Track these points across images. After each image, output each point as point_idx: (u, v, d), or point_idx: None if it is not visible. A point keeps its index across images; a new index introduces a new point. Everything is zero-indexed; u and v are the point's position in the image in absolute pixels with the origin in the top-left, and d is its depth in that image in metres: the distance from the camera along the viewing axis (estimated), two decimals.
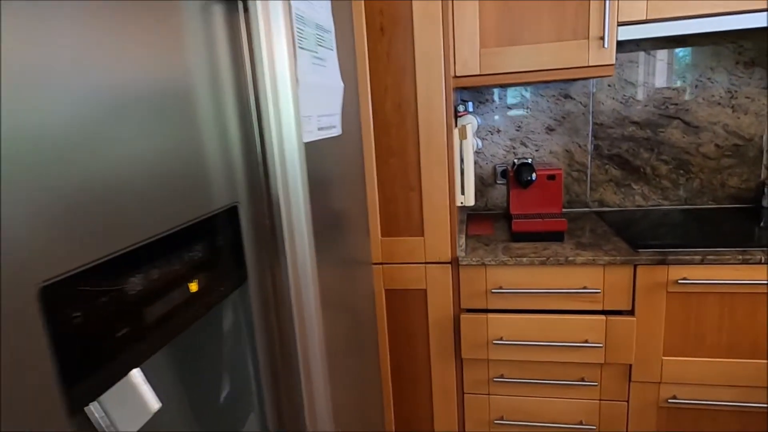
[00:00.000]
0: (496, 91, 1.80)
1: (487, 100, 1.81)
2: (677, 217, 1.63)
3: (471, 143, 1.38)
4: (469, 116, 1.46)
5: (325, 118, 0.78)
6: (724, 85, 1.66)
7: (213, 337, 0.53)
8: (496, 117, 1.82)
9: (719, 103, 1.67)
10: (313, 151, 0.76)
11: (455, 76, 1.51)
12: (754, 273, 1.25)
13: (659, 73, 1.69)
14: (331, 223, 0.87)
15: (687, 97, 1.69)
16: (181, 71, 0.47)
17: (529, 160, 1.50)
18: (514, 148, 1.83)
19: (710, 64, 1.65)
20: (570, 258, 1.32)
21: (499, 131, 1.83)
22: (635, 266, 1.31)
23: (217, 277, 0.48)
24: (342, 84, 0.86)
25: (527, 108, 1.79)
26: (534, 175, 1.45)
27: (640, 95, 1.71)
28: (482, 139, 1.84)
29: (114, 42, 0.37)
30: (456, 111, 1.45)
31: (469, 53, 1.47)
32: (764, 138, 1.67)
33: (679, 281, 1.27)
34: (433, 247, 1.40)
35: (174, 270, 0.41)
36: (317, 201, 0.79)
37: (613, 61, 1.41)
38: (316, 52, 0.75)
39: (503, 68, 1.47)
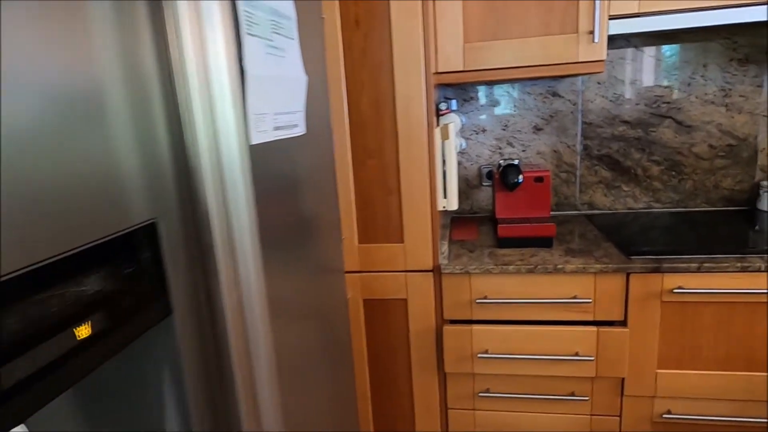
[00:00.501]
0: (481, 88, 1.71)
1: (471, 98, 1.73)
2: (670, 221, 1.56)
3: (454, 143, 1.29)
4: (452, 115, 1.38)
5: (284, 116, 0.69)
6: (717, 82, 1.59)
7: (130, 380, 0.43)
8: (482, 116, 1.73)
9: (712, 102, 1.61)
10: (268, 153, 0.67)
11: (437, 73, 1.42)
12: (753, 281, 1.18)
13: (650, 70, 1.62)
14: (292, 231, 0.78)
15: (679, 95, 1.62)
16: (84, 67, 0.37)
17: (516, 161, 1.42)
18: (500, 148, 1.75)
19: (703, 60, 1.58)
20: (559, 266, 1.24)
21: (484, 130, 1.74)
22: (628, 274, 1.23)
23: (123, 314, 0.38)
24: (305, 77, 0.77)
25: (514, 106, 1.71)
26: (521, 177, 1.37)
27: (631, 93, 1.64)
28: (467, 138, 1.76)
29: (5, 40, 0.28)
30: (438, 109, 1.36)
31: (451, 48, 1.38)
32: (759, 138, 1.61)
33: (675, 291, 1.19)
34: (414, 255, 1.31)
35: (52, 313, 0.31)
36: (275, 208, 0.70)
37: (604, 57, 1.33)
38: (272, 41, 0.66)
39: (488, 64, 1.38)
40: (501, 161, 1.47)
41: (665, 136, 1.65)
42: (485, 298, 1.30)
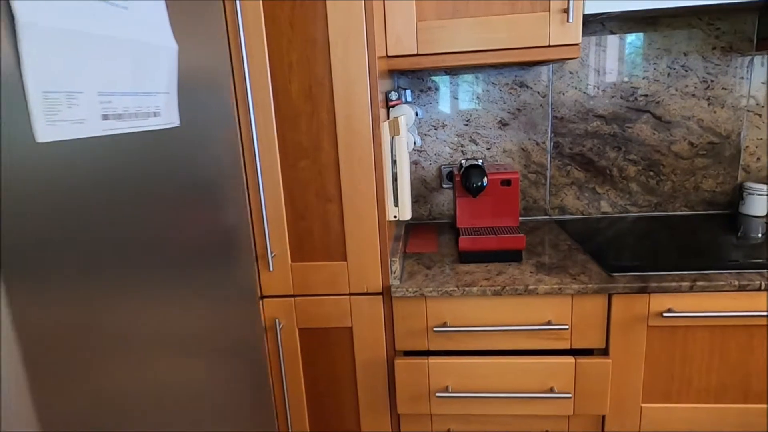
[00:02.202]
0: (440, 77, 1.50)
1: (429, 89, 1.51)
2: (649, 227, 1.39)
3: (405, 140, 1.07)
4: (405, 106, 1.16)
5: (124, 99, 0.45)
6: (698, 73, 1.43)
7: None
8: (441, 108, 1.52)
9: (693, 95, 1.45)
10: (86, 152, 0.42)
11: (387, 56, 1.20)
12: (752, 302, 1.01)
13: (627, 59, 1.44)
14: (165, 252, 0.54)
15: (658, 87, 1.45)
16: None
17: (479, 162, 1.22)
18: (462, 145, 1.54)
19: (684, 48, 1.42)
20: (531, 286, 1.04)
21: (444, 125, 1.54)
22: (610, 295, 1.05)
23: None
24: (174, 46, 0.53)
25: (477, 98, 1.51)
26: (485, 180, 1.17)
27: (606, 84, 1.46)
28: (424, 134, 1.54)
29: None
30: (387, 100, 1.14)
31: (402, 27, 1.16)
32: (742, 135, 1.46)
33: (664, 314, 1.01)
34: (360, 275, 1.09)
35: None
36: (126, 226, 0.46)
37: (579, 40, 1.14)
38: None
39: (446, 47, 1.17)
40: (463, 161, 1.26)
41: (643, 132, 1.49)
42: (444, 325, 1.09)
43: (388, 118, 1.15)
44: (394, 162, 1.08)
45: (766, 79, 1.42)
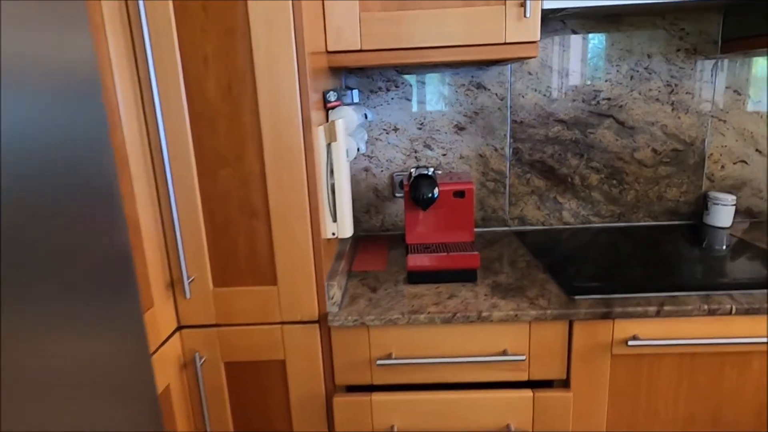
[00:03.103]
0: (391, 75, 1.38)
1: (380, 89, 1.39)
2: (611, 239, 1.30)
3: (345, 146, 0.94)
4: (346, 108, 1.02)
5: None
6: (662, 76, 1.36)
7: None
8: (393, 111, 1.40)
9: (657, 99, 1.37)
10: None
11: (328, 52, 1.06)
12: (722, 327, 0.93)
13: (590, 60, 1.35)
14: (17, 284, 0.39)
15: (621, 90, 1.37)
16: None
17: (430, 171, 1.10)
18: (415, 151, 1.42)
19: (647, 50, 1.34)
20: (484, 313, 0.92)
21: (396, 129, 1.41)
22: (571, 322, 0.94)
23: None
24: None
25: (431, 100, 1.39)
26: (436, 192, 1.05)
27: (567, 87, 1.37)
28: (375, 139, 1.42)
29: None
30: (326, 101, 1.01)
31: (343, 19, 1.03)
32: (707, 142, 1.40)
33: (629, 342, 0.91)
34: (292, 301, 0.95)
35: None
36: None
37: (537, 38, 1.04)
38: None
39: (393, 42, 1.04)
40: (413, 169, 1.14)
41: (605, 138, 1.40)
42: (389, 356, 0.96)
43: (328, 121, 1.02)
44: (331, 171, 0.95)
45: (730, 83, 1.36)
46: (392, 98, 1.39)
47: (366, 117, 1.32)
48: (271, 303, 0.95)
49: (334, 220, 0.97)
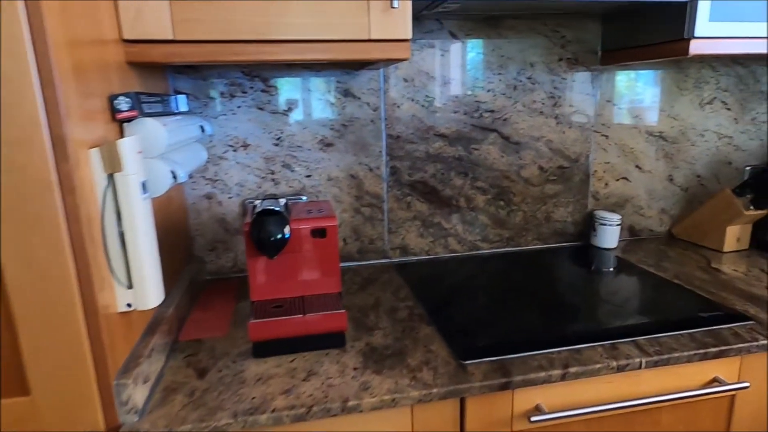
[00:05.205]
0: (236, 78, 1.09)
1: (222, 95, 1.09)
2: (501, 268, 1.15)
3: (140, 176, 0.64)
4: (148, 121, 0.72)
5: None
6: (545, 87, 1.24)
7: None
8: (241, 122, 1.11)
9: (541, 112, 1.25)
10: None
11: (124, 41, 0.75)
12: (631, 384, 0.79)
13: (470, 67, 1.19)
14: None
15: (504, 101, 1.22)
16: None
17: (280, 204, 0.84)
18: (272, 172, 1.15)
19: (530, 58, 1.21)
20: (352, 403, 0.68)
21: (246, 146, 1.12)
22: (463, 399, 0.73)
23: None
24: None
25: (288, 109, 1.12)
26: (286, 232, 0.78)
27: (448, 97, 1.19)
28: (219, 158, 1.11)
29: None
30: (114, 110, 0.70)
31: None
32: (590, 158, 1.31)
33: (532, 418, 0.73)
34: (62, 415, 0.62)
35: None
36: None
37: (409, 35, 0.83)
38: None
39: (219, 33, 0.76)
40: (257, 202, 0.86)
41: (490, 155, 1.25)
42: None
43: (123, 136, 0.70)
44: (119, 215, 0.64)
45: (610, 96, 1.28)
46: (239, 107, 1.10)
47: (203, 130, 1.02)
48: (27, 421, 0.61)
49: (130, 285, 0.66)
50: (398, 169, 1.21)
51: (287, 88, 1.11)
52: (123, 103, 0.69)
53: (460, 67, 1.18)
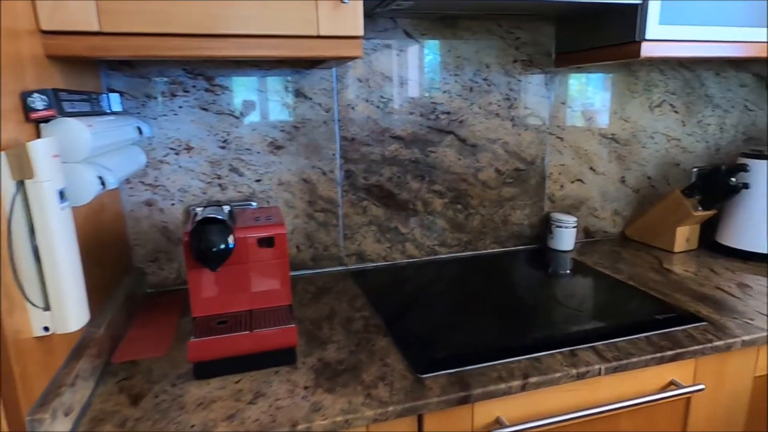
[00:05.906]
0: (177, 76, 1.01)
1: (163, 94, 1.01)
2: (459, 274, 1.12)
3: (56, 184, 0.56)
4: (68, 121, 0.65)
5: None
6: (501, 89, 1.23)
7: None
8: (183, 123, 1.03)
9: (497, 114, 1.24)
10: None
11: (42, 31, 0.67)
12: (591, 391, 0.77)
13: (425, 67, 1.16)
14: None
15: (461, 103, 1.20)
16: None
17: (224, 211, 0.78)
18: (219, 177, 1.08)
19: (485, 59, 1.20)
20: (302, 427, 0.63)
21: (190, 148, 1.05)
22: (420, 417, 0.70)
23: None
24: None
25: (235, 109, 1.06)
26: (230, 242, 0.72)
27: (403, 98, 1.16)
28: (160, 162, 1.04)
29: None
30: (27, 109, 0.62)
31: None
32: (546, 161, 1.31)
33: (493, 431, 0.70)
34: None
35: None
36: None
37: (360, 32, 0.78)
38: None
39: (151, 25, 0.70)
40: (198, 209, 0.80)
41: (447, 158, 1.22)
42: None
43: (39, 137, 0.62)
44: (31, 229, 0.56)
45: (564, 99, 1.28)
46: (180, 107, 1.02)
47: (140, 132, 0.94)
48: None
49: (47, 307, 0.58)
50: (353, 173, 1.16)
51: (234, 87, 1.05)
52: (38, 101, 0.62)
53: (416, 67, 1.15)
